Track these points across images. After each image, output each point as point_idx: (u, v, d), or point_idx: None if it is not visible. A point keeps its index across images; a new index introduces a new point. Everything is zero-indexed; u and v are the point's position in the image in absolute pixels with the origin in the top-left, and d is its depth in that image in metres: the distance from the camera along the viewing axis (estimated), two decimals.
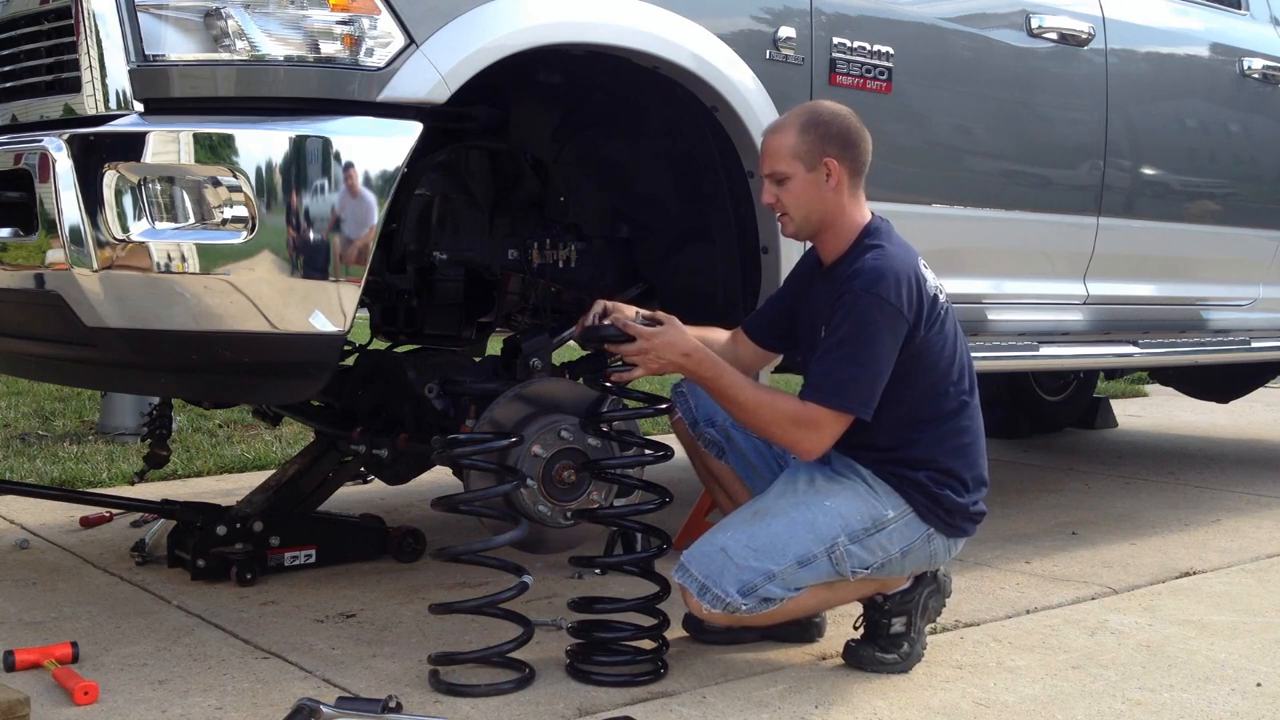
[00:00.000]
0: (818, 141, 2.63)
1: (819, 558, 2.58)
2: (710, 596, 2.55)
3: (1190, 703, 2.55)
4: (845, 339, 2.55)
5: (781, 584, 2.57)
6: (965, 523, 2.72)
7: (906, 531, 2.65)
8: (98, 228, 2.43)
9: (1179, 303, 4.41)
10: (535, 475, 2.70)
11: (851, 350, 2.55)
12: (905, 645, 2.69)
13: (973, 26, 3.62)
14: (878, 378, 2.55)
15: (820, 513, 2.61)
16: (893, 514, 2.63)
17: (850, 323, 2.55)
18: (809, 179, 2.64)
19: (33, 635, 2.83)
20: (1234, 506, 4.64)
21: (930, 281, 2.65)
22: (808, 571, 2.59)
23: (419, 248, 3.09)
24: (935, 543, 2.69)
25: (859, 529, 2.61)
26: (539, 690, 2.53)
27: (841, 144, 2.65)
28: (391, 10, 2.51)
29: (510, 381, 2.96)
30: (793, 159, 2.64)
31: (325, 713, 2.22)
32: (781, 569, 2.56)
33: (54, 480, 4.62)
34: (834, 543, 2.59)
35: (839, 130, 2.65)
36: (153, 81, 2.48)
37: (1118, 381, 8.49)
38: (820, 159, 2.63)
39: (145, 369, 2.67)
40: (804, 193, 2.65)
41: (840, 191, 2.66)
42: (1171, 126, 4.23)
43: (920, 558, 2.69)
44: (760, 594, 2.56)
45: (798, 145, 2.63)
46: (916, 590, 2.73)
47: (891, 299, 2.54)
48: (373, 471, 3.64)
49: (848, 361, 2.55)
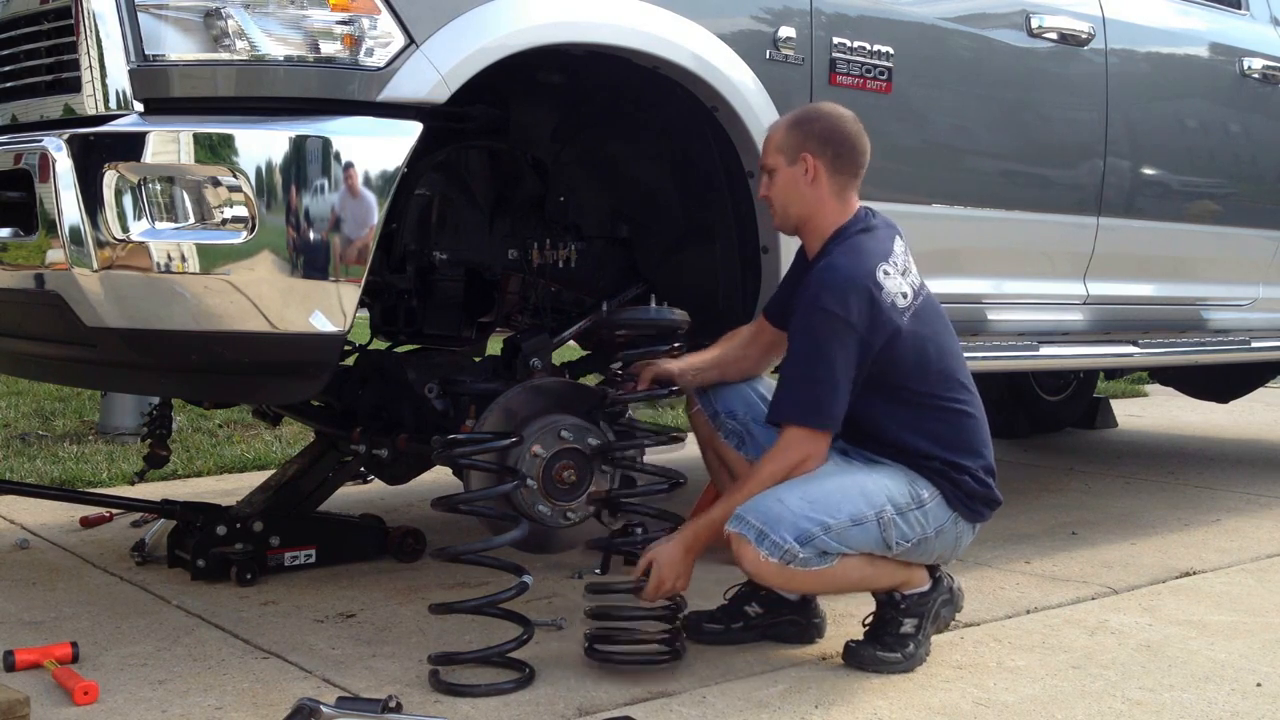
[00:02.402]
0: (800, 138, 2.73)
1: (869, 521, 2.63)
2: (769, 543, 2.54)
3: (1190, 703, 2.55)
4: (799, 356, 2.65)
5: (837, 538, 2.59)
6: (983, 508, 2.78)
7: (939, 513, 2.71)
8: (98, 228, 2.43)
9: (1179, 303, 4.41)
10: (535, 475, 2.70)
11: (806, 368, 2.63)
12: (910, 646, 2.70)
13: (973, 26, 3.62)
14: (834, 390, 2.61)
15: (869, 480, 2.67)
16: (928, 495, 2.70)
17: (801, 338, 2.64)
18: (789, 173, 2.73)
19: (33, 635, 2.83)
20: (1234, 506, 4.64)
21: (890, 288, 2.65)
22: (860, 531, 2.62)
23: (419, 248, 3.09)
24: (961, 526, 2.75)
25: (903, 503, 2.67)
26: (539, 690, 2.53)
27: (822, 141, 2.72)
28: (391, 10, 2.51)
29: (510, 381, 2.96)
30: (777, 152, 2.75)
31: (325, 713, 2.22)
32: (837, 523, 2.59)
33: (54, 480, 4.62)
34: (882, 509, 2.64)
35: (824, 129, 2.73)
36: (153, 81, 2.48)
37: (1118, 381, 8.49)
38: (799, 154, 2.72)
39: (145, 369, 2.67)
40: (785, 186, 2.75)
41: (818, 187, 2.72)
42: (1171, 126, 4.23)
43: (949, 540, 2.75)
44: (817, 544, 2.57)
45: (783, 140, 2.74)
46: (933, 594, 2.77)
47: (839, 312, 2.58)
48: (373, 471, 3.64)
49: (804, 379, 2.63)
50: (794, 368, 2.66)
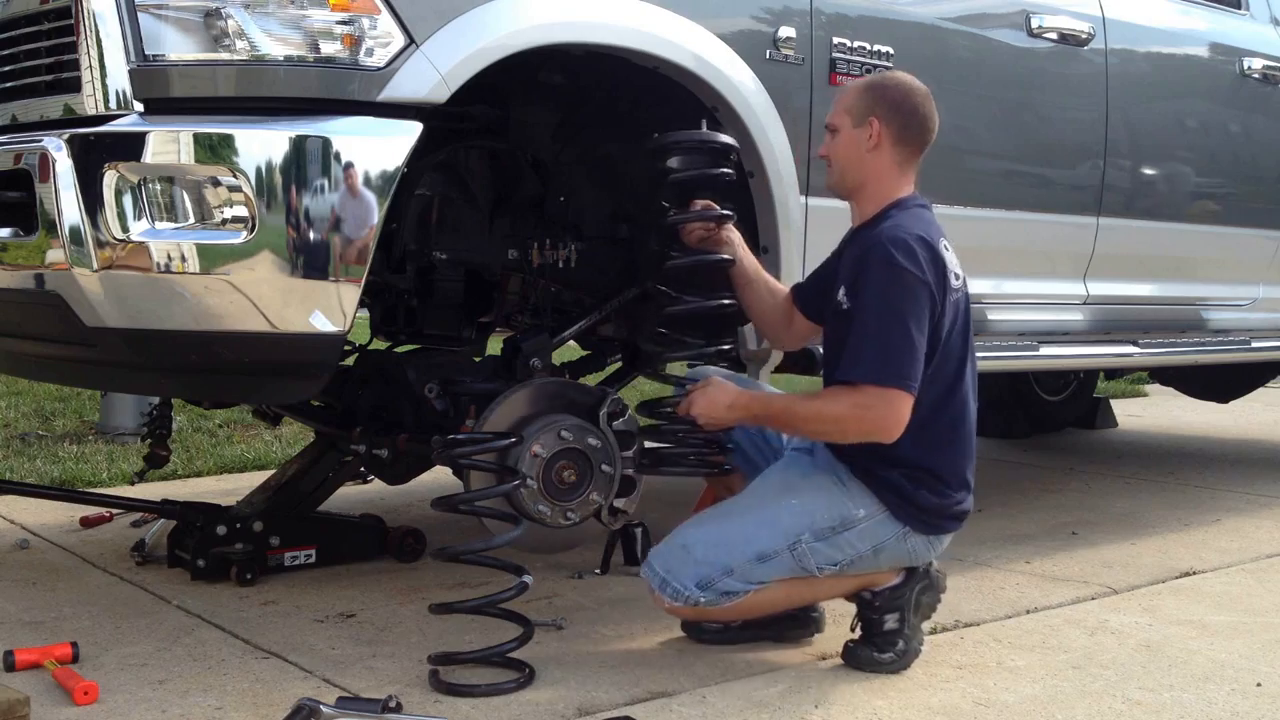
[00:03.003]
0: (870, 101, 2.70)
1: (780, 554, 2.62)
2: (670, 590, 2.62)
3: (1190, 703, 2.55)
4: (873, 314, 2.55)
5: (741, 578, 2.61)
6: (945, 521, 2.71)
7: (878, 530, 2.66)
8: (98, 228, 2.42)
9: (1179, 303, 4.41)
10: (535, 475, 2.70)
11: (880, 326, 2.54)
12: (900, 643, 2.69)
13: (973, 26, 3.62)
14: (914, 350, 2.53)
15: (785, 510, 2.64)
16: (863, 513, 2.65)
17: (872, 298, 2.56)
18: (853, 135, 2.71)
19: (33, 635, 2.83)
20: (1234, 506, 4.64)
21: (951, 263, 2.65)
22: (769, 567, 2.62)
23: (419, 248, 3.09)
24: (912, 541, 2.69)
25: (825, 526, 2.63)
26: (539, 690, 2.53)
27: (891, 108, 2.69)
28: (391, 10, 2.51)
29: (510, 381, 2.96)
30: (844, 113, 2.72)
31: (325, 713, 2.22)
32: (739, 563, 2.61)
33: (54, 480, 4.62)
34: (797, 539, 2.62)
35: (895, 97, 2.71)
36: (153, 81, 2.48)
37: (1118, 381, 8.49)
38: (867, 117, 2.69)
39: (145, 369, 2.67)
40: (846, 147, 2.73)
41: (880, 154, 2.70)
42: (1171, 126, 4.23)
43: (897, 554, 2.70)
44: (718, 588, 2.61)
45: (854, 101, 2.72)
46: (907, 586, 2.73)
47: (910, 267, 2.54)
48: (373, 471, 3.64)
49: (879, 337, 2.54)
50: (864, 327, 2.55)
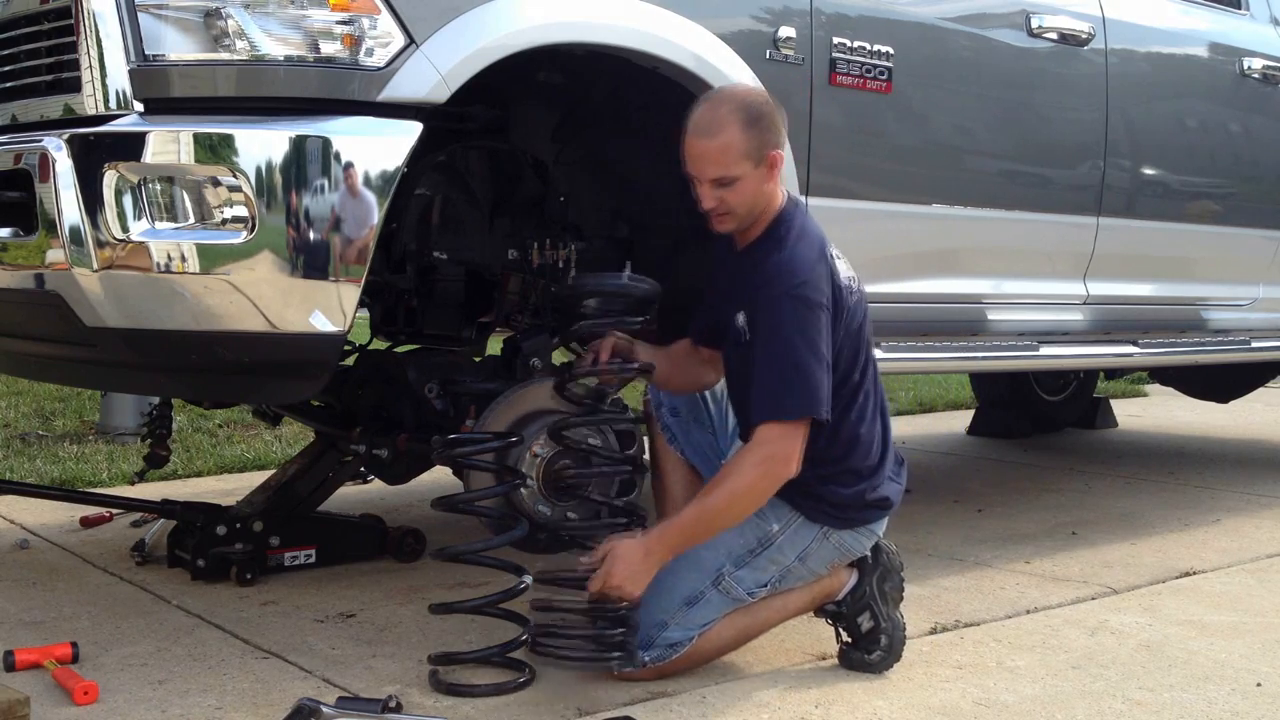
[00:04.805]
0: (759, 136, 2.53)
1: (706, 592, 2.59)
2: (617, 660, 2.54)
3: (1190, 703, 2.55)
4: (771, 347, 2.48)
5: (679, 627, 2.57)
6: (865, 512, 2.66)
7: (797, 538, 2.63)
8: (98, 228, 2.42)
9: (1179, 303, 4.41)
10: (535, 475, 2.70)
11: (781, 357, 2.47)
12: (883, 639, 2.68)
13: (973, 26, 3.62)
14: (818, 373, 2.47)
15: (704, 548, 2.57)
16: (778, 526, 2.62)
17: (770, 329, 2.49)
18: (757, 175, 2.55)
19: (33, 635, 2.83)
20: (1234, 506, 4.64)
21: (841, 271, 2.62)
22: (700, 609, 2.58)
23: (419, 248, 3.09)
24: (836, 538, 2.65)
25: (743, 552, 2.60)
26: (539, 690, 2.53)
27: (774, 131, 2.57)
28: (391, 10, 2.51)
29: (510, 381, 2.96)
30: (743, 159, 2.52)
31: (325, 713, 2.22)
32: (672, 613, 2.57)
33: (54, 480, 4.62)
34: (719, 573, 2.59)
35: (770, 117, 2.57)
36: (153, 81, 2.48)
37: (1118, 381, 8.49)
38: (766, 153, 2.54)
39: (145, 369, 2.67)
40: (751, 189, 2.56)
41: (775, 177, 2.60)
42: (1171, 126, 4.23)
43: (826, 556, 2.66)
44: (660, 642, 2.57)
45: (747, 145, 2.52)
46: (864, 582, 2.71)
47: (810, 294, 2.49)
48: (373, 471, 3.64)
49: (782, 370, 2.47)
50: (767, 361, 2.48)
